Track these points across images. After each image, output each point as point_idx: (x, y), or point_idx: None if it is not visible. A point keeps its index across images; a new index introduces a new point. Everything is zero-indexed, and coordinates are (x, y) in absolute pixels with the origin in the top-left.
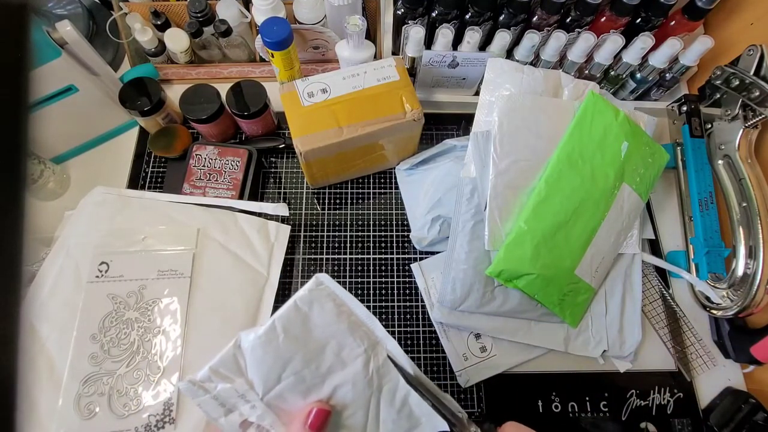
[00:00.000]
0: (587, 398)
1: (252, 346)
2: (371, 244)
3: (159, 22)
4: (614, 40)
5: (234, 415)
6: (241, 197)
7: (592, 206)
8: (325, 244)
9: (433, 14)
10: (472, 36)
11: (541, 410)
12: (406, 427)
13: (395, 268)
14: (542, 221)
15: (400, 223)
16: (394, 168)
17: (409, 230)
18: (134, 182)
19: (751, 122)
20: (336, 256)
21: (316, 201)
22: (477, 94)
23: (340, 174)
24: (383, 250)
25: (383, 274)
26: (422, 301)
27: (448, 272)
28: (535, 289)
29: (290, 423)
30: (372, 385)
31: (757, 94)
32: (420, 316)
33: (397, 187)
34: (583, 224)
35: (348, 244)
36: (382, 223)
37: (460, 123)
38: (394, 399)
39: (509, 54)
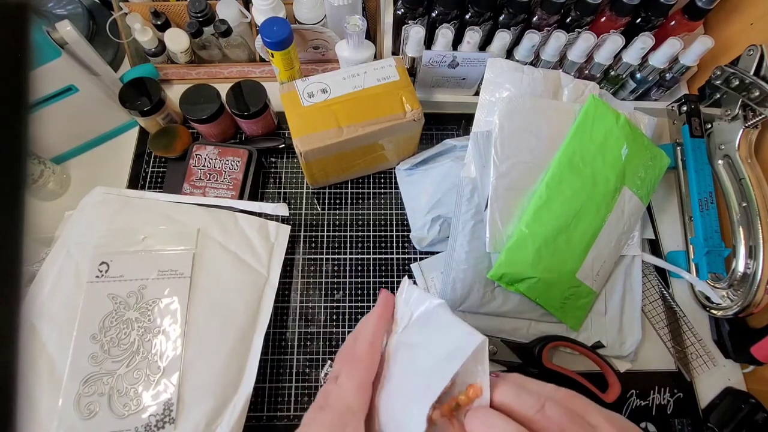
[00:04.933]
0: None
1: (424, 311)
2: (371, 244)
3: (159, 22)
4: (614, 40)
5: (402, 321)
6: (241, 197)
7: (593, 210)
8: (325, 244)
9: (433, 14)
10: (472, 36)
11: None
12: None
13: (395, 268)
14: (543, 225)
15: (400, 223)
16: (394, 168)
17: (409, 230)
18: (134, 182)
19: (751, 122)
20: (336, 256)
21: (316, 201)
22: (477, 94)
23: (340, 174)
24: (383, 250)
25: (383, 274)
26: None
27: (448, 272)
28: (536, 293)
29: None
30: None
31: (757, 94)
32: None
33: (397, 187)
34: (584, 228)
35: (348, 244)
36: (382, 223)
37: (460, 123)
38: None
39: (509, 54)
